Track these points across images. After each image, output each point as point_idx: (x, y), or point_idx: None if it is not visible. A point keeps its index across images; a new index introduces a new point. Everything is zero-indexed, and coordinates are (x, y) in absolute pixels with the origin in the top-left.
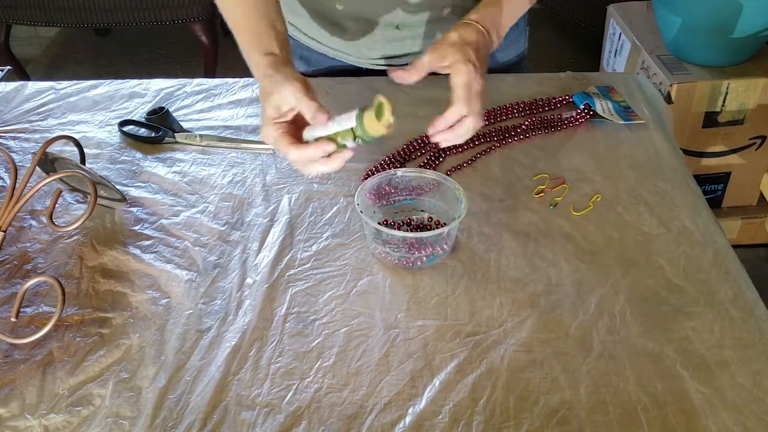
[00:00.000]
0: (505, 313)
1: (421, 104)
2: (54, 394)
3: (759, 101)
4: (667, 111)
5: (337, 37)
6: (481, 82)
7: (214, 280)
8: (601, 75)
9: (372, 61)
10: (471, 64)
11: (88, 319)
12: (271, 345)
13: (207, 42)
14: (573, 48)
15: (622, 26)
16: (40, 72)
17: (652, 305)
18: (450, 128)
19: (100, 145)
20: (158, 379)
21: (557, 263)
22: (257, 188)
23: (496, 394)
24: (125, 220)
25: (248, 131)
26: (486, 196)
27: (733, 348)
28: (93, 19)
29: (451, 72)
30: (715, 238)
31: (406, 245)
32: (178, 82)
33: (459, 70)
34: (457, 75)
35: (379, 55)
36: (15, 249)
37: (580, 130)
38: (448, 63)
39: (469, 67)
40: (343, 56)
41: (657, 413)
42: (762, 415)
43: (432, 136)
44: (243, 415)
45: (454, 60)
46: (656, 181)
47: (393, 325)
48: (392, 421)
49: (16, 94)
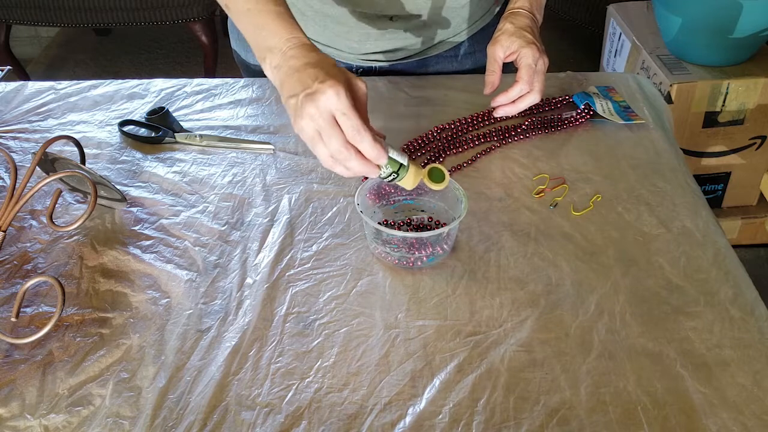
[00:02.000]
0: (505, 313)
1: (421, 104)
2: (54, 394)
3: (759, 101)
4: (667, 111)
5: (329, 31)
6: (545, 60)
7: (214, 280)
8: (601, 75)
9: (365, 57)
10: (534, 45)
11: (88, 319)
12: (271, 345)
13: (207, 42)
14: (573, 48)
15: (622, 26)
16: (40, 72)
17: (652, 305)
18: (512, 102)
19: (100, 145)
20: (158, 379)
21: (557, 263)
22: (257, 188)
23: (496, 394)
24: (125, 220)
25: (248, 131)
26: (486, 196)
27: (733, 348)
28: (93, 19)
29: (517, 56)
30: (715, 238)
31: (406, 245)
32: (178, 82)
33: (524, 54)
34: (524, 57)
35: (373, 50)
36: (15, 249)
37: (580, 130)
38: (513, 50)
39: (533, 49)
40: (336, 53)
41: (657, 413)
42: (762, 415)
43: (495, 110)
44: (243, 415)
45: (517, 46)
46: (656, 181)
47: (393, 325)
48: (392, 421)
49: (16, 94)
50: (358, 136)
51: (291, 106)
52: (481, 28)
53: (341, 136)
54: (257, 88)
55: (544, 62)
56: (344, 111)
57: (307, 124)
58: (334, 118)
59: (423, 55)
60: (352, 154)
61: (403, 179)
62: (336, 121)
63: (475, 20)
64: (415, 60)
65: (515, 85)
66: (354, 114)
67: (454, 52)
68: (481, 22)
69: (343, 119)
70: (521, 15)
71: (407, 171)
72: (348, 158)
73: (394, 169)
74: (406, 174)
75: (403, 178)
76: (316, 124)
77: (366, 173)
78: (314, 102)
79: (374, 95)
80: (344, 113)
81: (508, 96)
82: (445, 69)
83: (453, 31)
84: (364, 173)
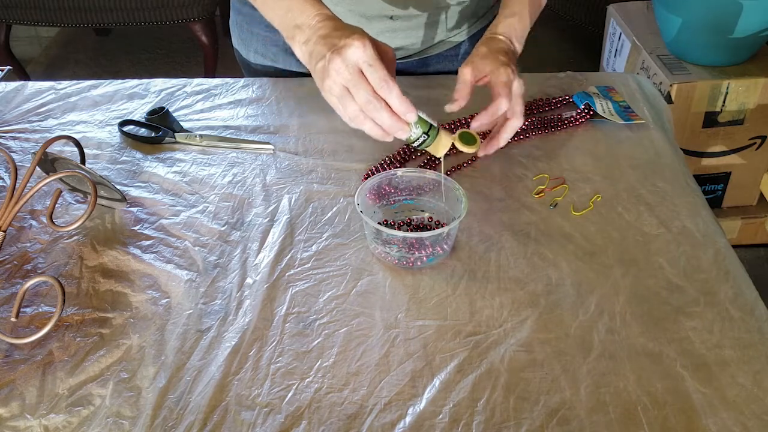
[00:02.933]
0: (505, 313)
1: (421, 104)
2: (54, 394)
3: (759, 101)
4: (667, 111)
5: None
6: (521, 83)
7: (214, 280)
8: (601, 75)
9: None
10: (508, 67)
11: (88, 319)
12: (271, 345)
13: (207, 42)
14: (573, 48)
15: (622, 26)
16: (40, 72)
17: (652, 305)
18: (495, 136)
19: (100, 145)
20: (158, 379)
21: (557, 263)
22: (257, 188)
23: (496, 394)
24: (125, 220)
25: (248, 131)
26: (486, 196)
27: (733, 348)
28: (93, 19)
29: (491, 77)
30: (715, 238)
31: (406, 245)
32: (178, 82)
33: (498, 73)
34: (497, 77)
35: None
36: (15, 249)
37: (580, 130)
38: (486, 72)
39: (508, 70)
40: None
41: (657, 413)
42: (762, 415)
43: (476, 126)
44: (243, 415)
45: (492, 68)
46: (656, 181)
47: (393, 325)
48: (392, 421)
49: (16, 94)
50: (386, 86)
51: (318, 70)
52: (482, 28)
53: (369, 87)
54: (257, 88)
55: (520, 84)
56: (371, 62)
57: (335, 81)
58: (360, 71)
59: (423, 54)
60: (381, 106)
61: (432, 144)
62: (363, 74)
63: (475, 20)
64: (415, 59)
65: (494, 102)
66: (381, 66)
67: (454, 51)
68: (481, 22)
69: (370, 71)
70: (497, 40)
71: (437, 134)
72: (377, 109)
73: (425, 130)
74: (437, 137)
75: (433, 143)
76: (343, 79)
77: (394, 130)
78: (341, 56)
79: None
80: (371, 65)
81: (489, 113)
82: (445, 68)
83: (453, 30)
84: (392, 130)
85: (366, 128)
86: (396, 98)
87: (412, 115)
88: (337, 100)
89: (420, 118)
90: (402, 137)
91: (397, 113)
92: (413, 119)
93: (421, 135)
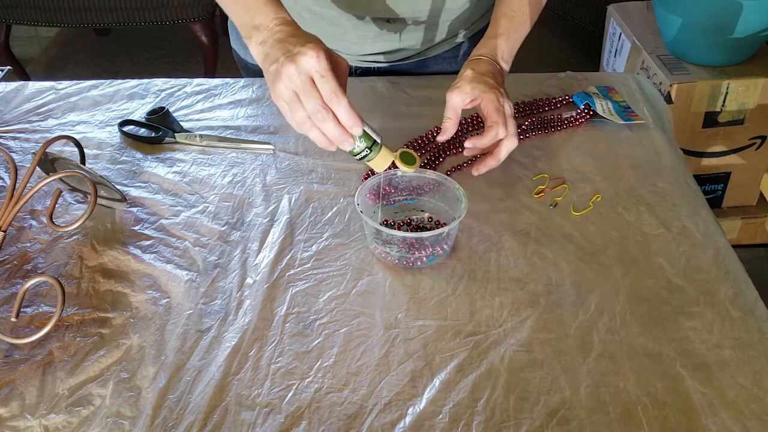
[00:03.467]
0: (505, 313)
1: (421, 104)
2: (54, 394)
3: (759, 101)
4: (667, 111)
5: (326, 33)
6: (510, 104)
7: (214, 280)
8: (601, 75)
9: (364, 58)
10: (497, 90)
11: (88, 319)
12: (271, 345)
13: (207, 42)
14: (573, 48)
15: (622, 26)
16: (40, 72)
17: (652, 305)
18: (490, 157)
19: (100, 145)
20: (158, 379)
21: (557, 263)
22: (257, 188)
23: (496, 394)
24: (125, 220)
25: (248, 131)
26: (486, 196)
27: (733, 348)
28: (93, 19)
29: (481, 103)
30: (715, 238)
31: (406, 245)
32: (178, 82)
33: (487, 98)
34: (487, 102)
35: (371, 51)
36: (15, 249)
37: (580, 130)
38: (474, 96)
39: (496, 93)
40: None
41: (657, 413)
42: (762, 415)
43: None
44: (243, 415)
45: (479, 91)
46: (656, 181)
47: (393, 325)
48: (392, 421)
49: (16, 94)
50: (335, 99)
51: (271, 73)
52: (481, 28)
53: (319, 96)
54: (257, 88)
55: (510, 106)
56: (323, 73)
57: (286, 86)
58: (312, 80)
59: (422, 55)
60: (329, 117)
61: (374, 159)
62: (314, 83)
63: (474, 21)
64: (414, 60)
65: (489, 130)
66: (332, 78)
67: (453, 52)
68: (480, 22)
69: (321, 81)
70: (483, 62)
71: (379, 150)
72: (325, 120)
73: (368, 145)
74: (378, 153)
75: (374, 158)
76: (294, 85)
77: (339, 141)
78: (294, 63)
79: (374, 95)
80: (323, 75)
81: (483, 142)
82: (444, 69)
83: (452, 32)
84: (337, 141)
85: (312, 135)
86: (344, 111)
87: (357, 129)
88: (286, 104)
89: (365, 133)
90: (346, 149)
91: (343, 125)
92: (358, 133)
93: (364, 149)
